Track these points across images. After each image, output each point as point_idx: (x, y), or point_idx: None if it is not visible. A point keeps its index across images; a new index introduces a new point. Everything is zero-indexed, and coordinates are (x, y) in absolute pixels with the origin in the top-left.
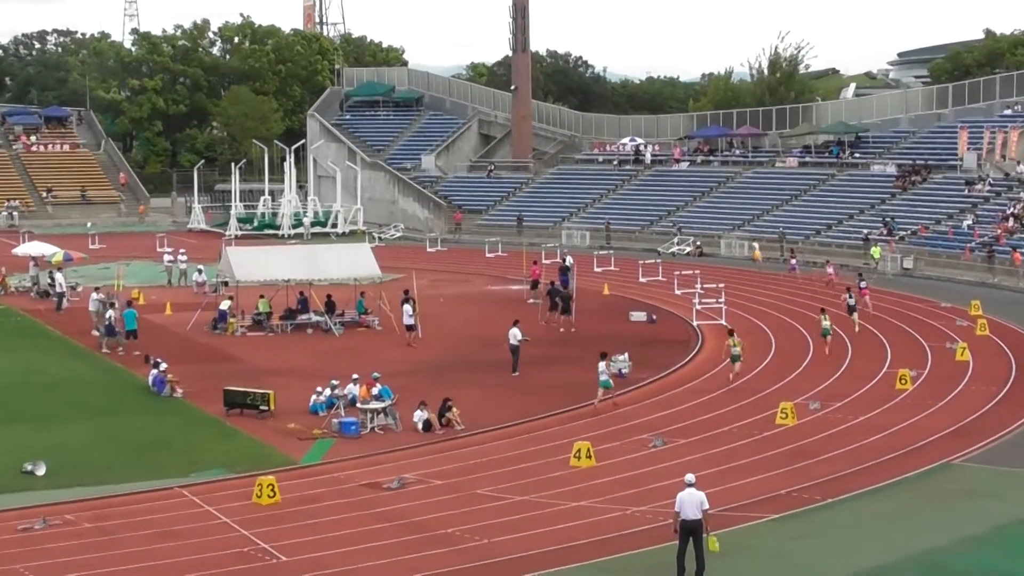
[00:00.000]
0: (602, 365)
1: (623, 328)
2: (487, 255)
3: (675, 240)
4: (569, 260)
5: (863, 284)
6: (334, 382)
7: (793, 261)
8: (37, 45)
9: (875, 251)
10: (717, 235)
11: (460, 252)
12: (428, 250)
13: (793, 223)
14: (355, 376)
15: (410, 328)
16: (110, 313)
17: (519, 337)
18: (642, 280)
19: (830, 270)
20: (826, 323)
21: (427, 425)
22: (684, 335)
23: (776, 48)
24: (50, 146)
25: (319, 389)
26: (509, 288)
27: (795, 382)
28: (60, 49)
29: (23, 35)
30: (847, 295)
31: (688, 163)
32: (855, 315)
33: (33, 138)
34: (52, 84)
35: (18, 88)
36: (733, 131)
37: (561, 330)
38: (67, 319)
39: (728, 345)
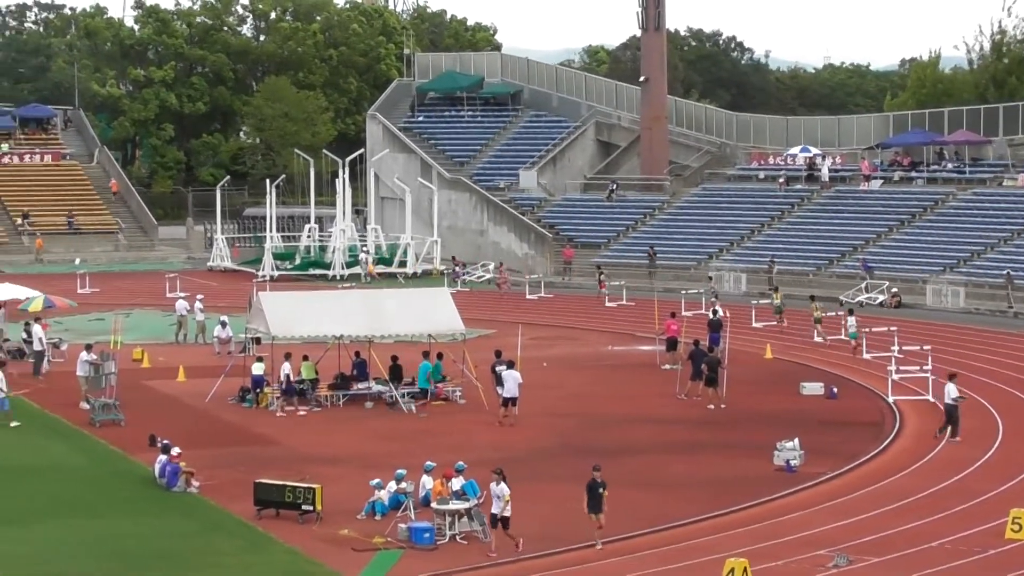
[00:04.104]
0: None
1: (792, 404)
2: (607, 304)
3: (863, 286)
4: (720, 312)
5: None
6: (400, 473)
7: None
8: (11, 23)
9: None
10: (921, 279)
11: (570, 300)
12: (527, 297)
13: None
14: (429, 466)
15: (508, 402)
16: (111, 371)
17: (954, 395)
18: (818, 339)
19: None
20: None
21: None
22: (875, 415)
23: (1002, 24)
24: (27, 157)
25: (380, 483)
26: (636, 349)
27: None
28: (41, 28)
29: None
30: None
31: (881, 181)
32: None
33: (5, 146)
34: (30, 74)
35: None
36: (943, 137)
37: (710, 407)
38: (47, 387)
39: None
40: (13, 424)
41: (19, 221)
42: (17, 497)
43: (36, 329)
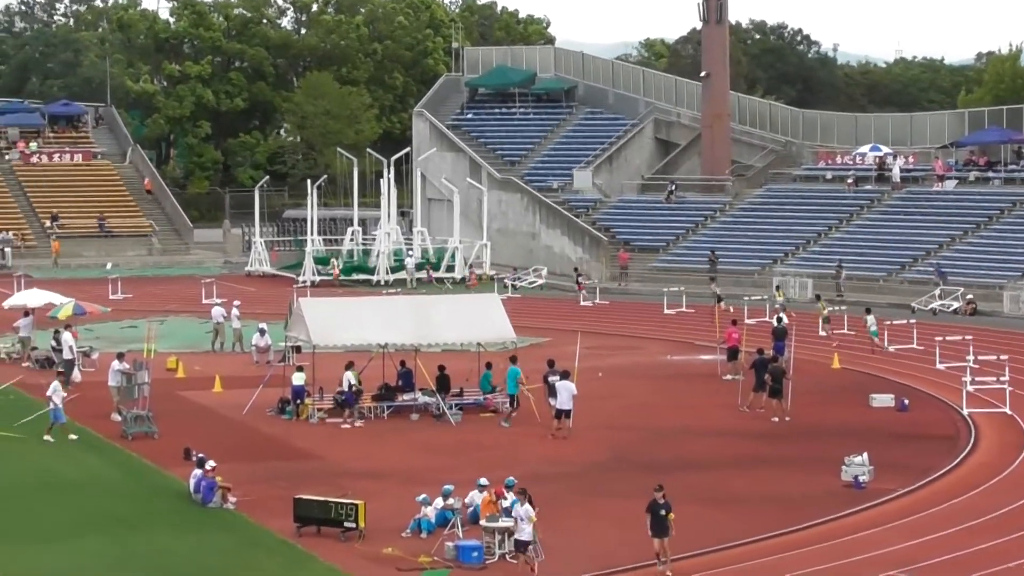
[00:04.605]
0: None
1: (861, 417)
2: (665, 311)
3: (936, 292)
4: (785, 319)
5: None
6: (448, 489)
7: None
8: (40, 16)
9: None
10: (997, 285)
11: (627, 306)
12: (582, 303)
13: None
14: (480, 482)
15: (561, 414)
16: (144, 381)
17: None
18: (889, 348)
19: None
20: None
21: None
22: (949, 428)
23: None
24: (57, 156)
25: (427, 499)
26: (696, 359)
27: None
28: (71, 21)
29: (20, 2)
30: None
31: (956, 181)
32: None
33: (33, 145)
34: (60, 70)
35: (13, 76)
36: (1022, 135)
37: (774, 419)
38: (78, 397)
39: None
40: (72, 437)
41: (48, 224)
42: (51, 512)
43: (66, 337)
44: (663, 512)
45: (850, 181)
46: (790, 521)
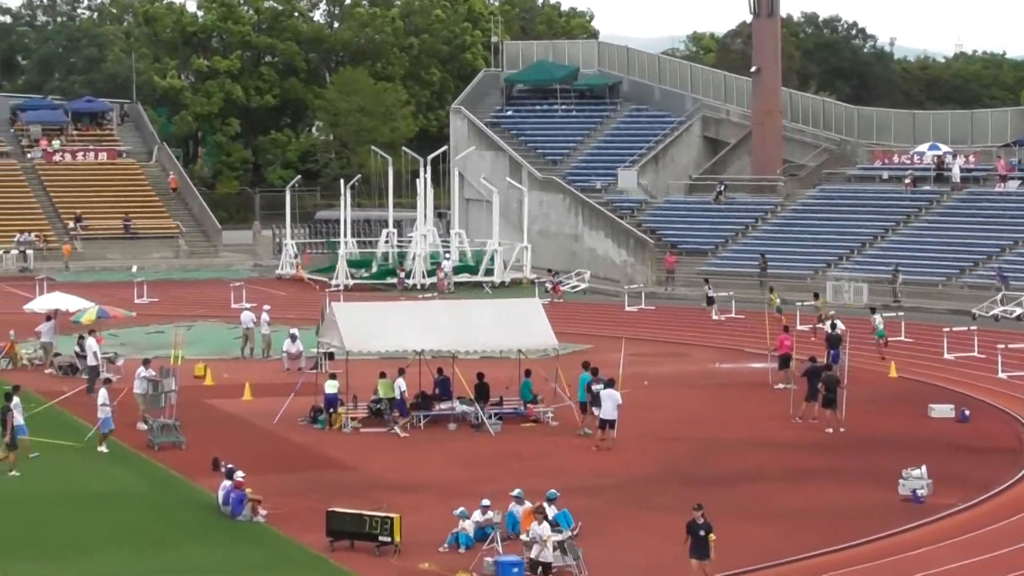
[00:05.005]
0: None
1: (919, 428)
2: (713, 317)
3: (998, 298)
4: (840, 326)
5: None
6: (485, 502)
7: None
8: (64, 9)
9: None
10: None
11: (674, 312)
12: (626, 309)
13: None
14: (517, 493)
15: (605, 424)
16: (171, 388)
17: None
18: (948, 357)
19: None
20: None
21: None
22: (1012, 440)
23: None
24: (80, 154)
25: (464, 512)
26: (746, 367)
27: None
28: (95, 15)
29: None
30: None
31: (1019, 182)
32: None
33: (56, 143)
34: (84, 66)
35: (36, 71)
36: None
37: (828, 430)
38: (82, 401)
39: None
40: (101, 450)
41: (71, 224)
42: (78, 525)
43: (90, 342)
44: (702, 532)
45: (907, 181)
46: (844, 537)
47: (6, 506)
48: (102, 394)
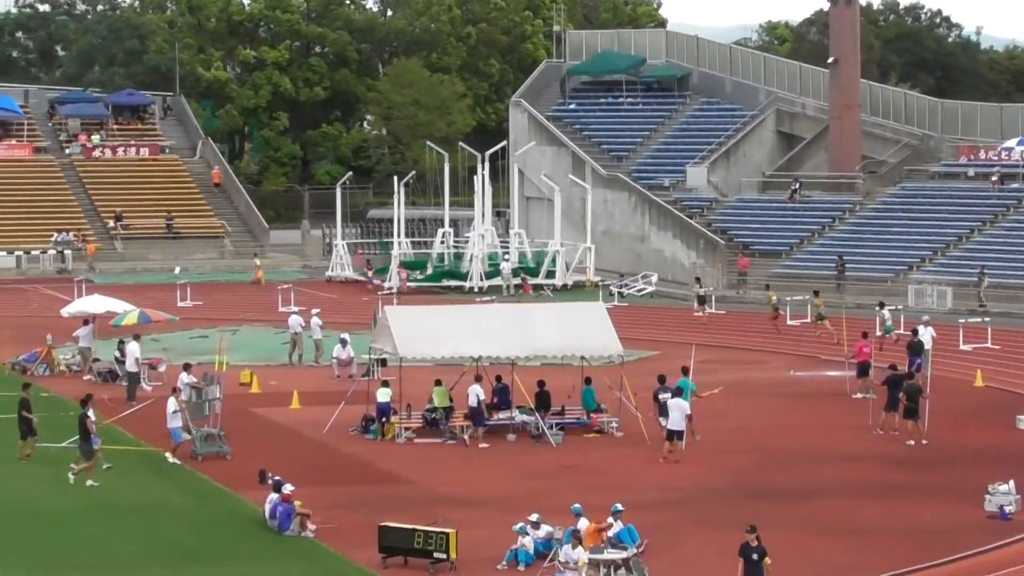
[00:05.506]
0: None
1: (1006, 440)
2: (788, 321)
3: None
4: (926, 332)
5: None
6: (534, 517)
7: None
8: None
9: None
10: None
11: (746, 316)
12: (695, 313)
13: None
14: (577, 508)
15: (673, 435)
16: (215, 396)
17: None
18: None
19: None
20: None
21: None
22: None
23: None
24: (121, 150)
25: (524, 528)
26: (823, 374)
27: None
28: (137, 4)
29: None
30: None
31: None
32: None
33: (96, 138)
34: (125, 57)
35: (75, 63)
36: None
37: (910, 442)
38: (143, 413)
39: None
40: (170, 459)
41: (111, 224)
42: (119, 540)
43: (132, 347)
44: (755, 556)
45: (995, 179)
46: (927, 556)
47: (38, 519)
48: (171, 403)
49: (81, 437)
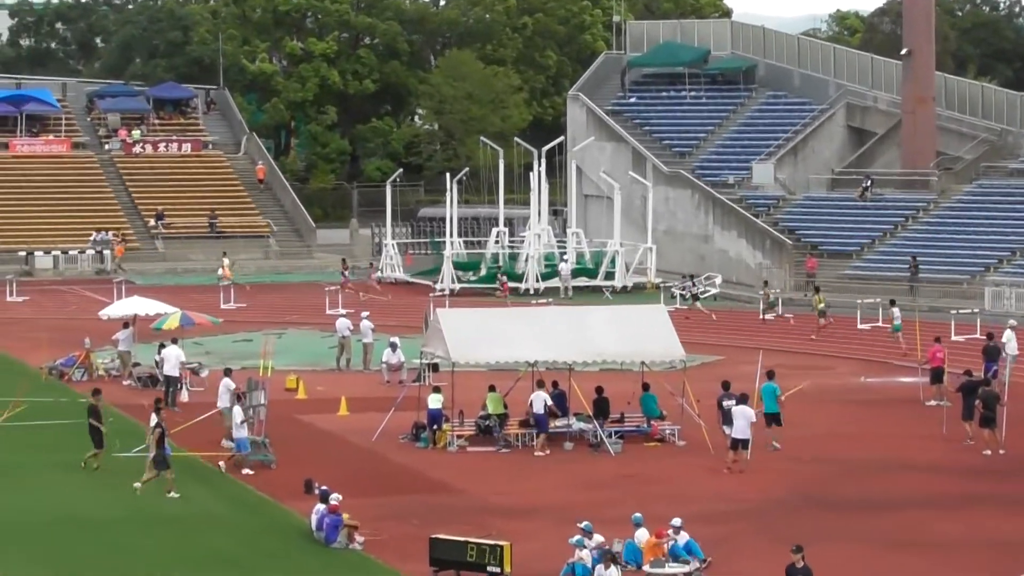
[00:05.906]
0: None
1: None
2: (859, 325)
3: None
4: (1012, 337)
5: None
6: (583, 524)
7: None
8: None
9: None
10: None
11: (814, 320)
12: (761, 317)
13: None
14: (638, 517)
15: (738, 444)
16: (260, 402)
17: None
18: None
19: None
20: None
21: None
22: None
23: None
24: (162, 146)
25: (581, 540)
26: (895, 380)
27: None
28: None
29: None
30: None
31: None
32: None
33: (136, 133)
34: (166, 49)
35: (115, 55)
36: None
37: (987, 452)
38: (185, 420)
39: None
40: (220, 464)
41: (152, 222)
42: (161, 551)
43: (172, 352)
44: None
45: None
46: (1005, 570)
47: (77, 528)
48: (237, 411)
49: (156, 447)
